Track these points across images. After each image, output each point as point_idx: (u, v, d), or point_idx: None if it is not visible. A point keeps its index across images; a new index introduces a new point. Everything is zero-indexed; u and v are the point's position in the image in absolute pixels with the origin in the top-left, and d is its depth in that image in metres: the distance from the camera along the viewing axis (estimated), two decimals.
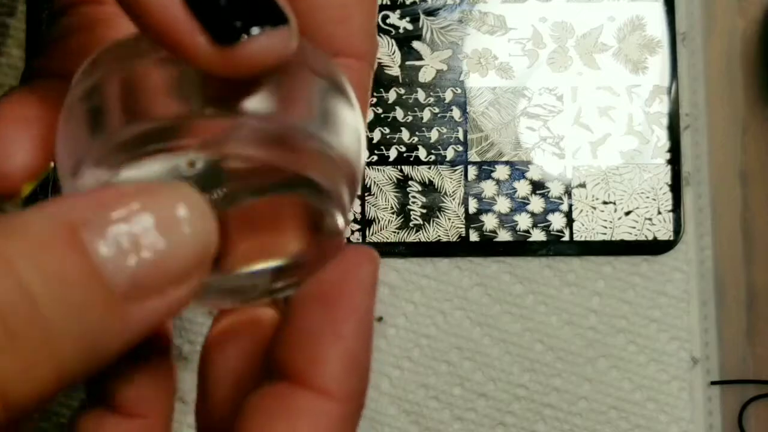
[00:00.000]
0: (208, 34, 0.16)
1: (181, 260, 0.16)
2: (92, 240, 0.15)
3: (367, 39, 0.23)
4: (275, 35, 0.16)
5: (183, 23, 0.16)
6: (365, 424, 0.39)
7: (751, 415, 0.40)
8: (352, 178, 0.19)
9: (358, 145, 0.20)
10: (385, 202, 0.40)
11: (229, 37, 0.16)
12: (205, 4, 0.16)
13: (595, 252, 0.40)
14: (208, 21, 0.16)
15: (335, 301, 0.19)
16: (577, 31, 0.40)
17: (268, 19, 0.16)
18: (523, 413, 0.39)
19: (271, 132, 0.17)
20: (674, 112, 0.40)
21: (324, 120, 0.18)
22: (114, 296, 0.15)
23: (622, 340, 0.39)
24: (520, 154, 0.40)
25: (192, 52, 0.16)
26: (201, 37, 0.16)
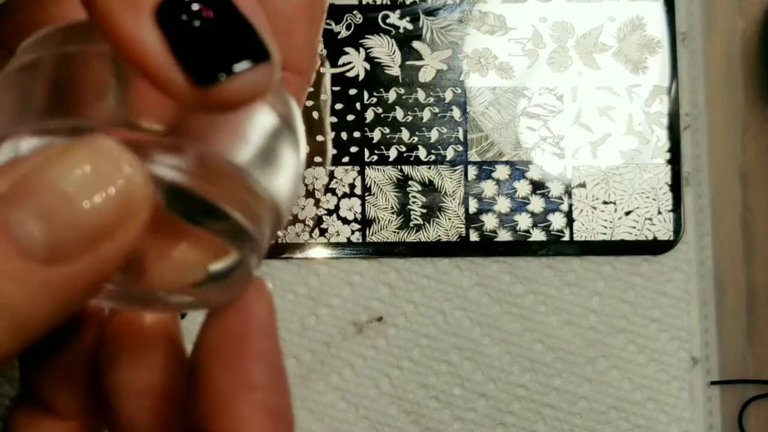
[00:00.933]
0: (186, 72, 0.15)
1: (102, 215, 0.15)
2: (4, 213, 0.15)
3: (309, 55, 0.22)
4: (255, 73, 0.15)
5: (158, 57, 0.15)
6: (365, 423, 0.39)
7: (751, 415, 0.40)
8: (277, 221, 0.19)
9: (294, 188, 0.19)
10: (385, 202, 0.40)
11: (207, 78, 0.15)
12: (185, 40, 0.15)
13: (595, 252, 0.40)
14: (186, 59, 0.15)
15: (239, 352, 0.18)
16: (577, 31, 0.40)
17: (249, 55, 0.15)
18: (523, 413, 0.39)
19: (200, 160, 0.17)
20: (674, 112, 0.40)
21: (263, 158, 0.18)
22: (32, 265, 0.15)
23: (622, 340, 0.39)
24: (520, 154, 0.40)
25: (168, 88, 0.15)
26: (178, 75, 0.15)
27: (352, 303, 0.39)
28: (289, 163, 0.19)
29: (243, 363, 0.18)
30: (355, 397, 0.39)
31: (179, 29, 0.15)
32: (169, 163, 0.16)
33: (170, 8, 0.15)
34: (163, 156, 0.16)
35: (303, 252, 0.39)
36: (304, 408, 0.39)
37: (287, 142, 0.19)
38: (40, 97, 0.17)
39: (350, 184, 0.40)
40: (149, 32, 0.15)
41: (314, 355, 0.39)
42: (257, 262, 0.19)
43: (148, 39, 0.15)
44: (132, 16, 0.15)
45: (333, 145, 0.40)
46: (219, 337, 0.18)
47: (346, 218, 0.39)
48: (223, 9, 0.15)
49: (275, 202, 0.18)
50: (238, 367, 0.18)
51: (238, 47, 0.15)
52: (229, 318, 0.19)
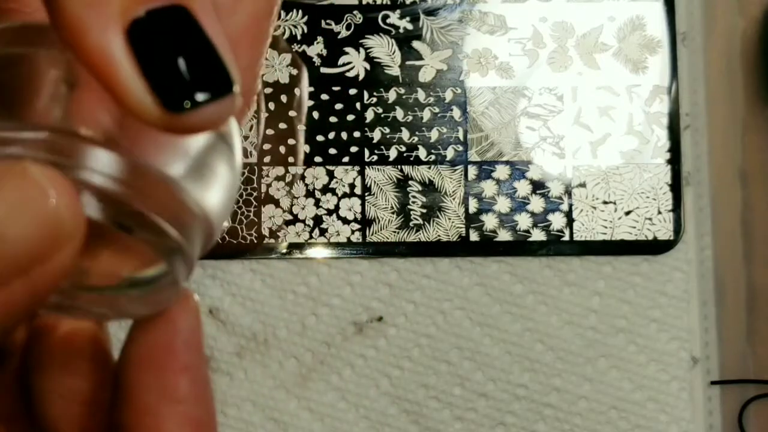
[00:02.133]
0: (158, 99, 0.15)
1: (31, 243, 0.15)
2: None
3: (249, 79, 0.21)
4: (222, 104, 0.16)
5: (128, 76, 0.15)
6: (365, 423, 0.39)
7: (751, 415, 0.40)
8: (208, 234, 0.19)
9: (227, 203, 0.19)
10: (385, 202, 0.40)
11: (177, 105, 0.15)
12: (155, 62, 0.15)
13: (595, 252, 0.40)
14: (156, 83, 0.15)
15: (163, 365, 0.18)
16: (577, 31, 0.40)
17: (216, 87, 0.15)
18: (523, 413, 0.39)
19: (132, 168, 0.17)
20: (674, 112, 0.40)
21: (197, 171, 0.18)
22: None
23: (622, 340, 0.39)
24: (520, 153, 0.40)
25: (135, 109, 0.15)
26: (148, 98, 0.15)
27: (352, 303, 0.39)
28: (223, 178, 0.19)
29: (167, 376, 0.18)
30: (355, 397, 0.39)
31: (149, 50, 0.15)
32: (101, 169, 0.16)
33: (141, 28, 0.15)
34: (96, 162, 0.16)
35: (303, 252, 0.39)
36: (304, 408, 0.39)
37: (222, 156, 0.19)
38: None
39: (350, 184, 0.40)
40: (120, 49, 0.15)
41: (314, 355, 0.39)
42: (186, 274, 0.19)
43: (118, 56, 0.15)
44: (102, 29, 0.15)
45: (333, 145, 0.40)
46: (143, 349, 0.19)
47: (346, 218, 0.39)
48: (194, 36, 0.15)
49: (206, 215, 0.18)
50: (162, 379, 0.18)
51: (207, 76, 0.15)
52: (154, 330, 0.19)
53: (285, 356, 0.39)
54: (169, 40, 0.15)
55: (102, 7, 0.15)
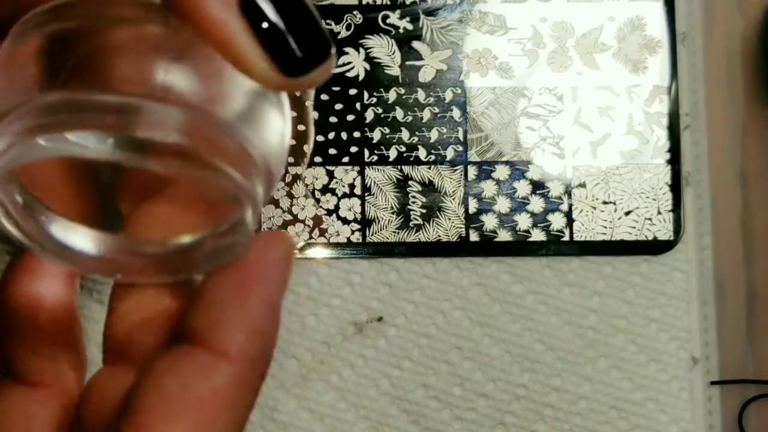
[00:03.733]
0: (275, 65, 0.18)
1: None
2: None
3: None
4: (325, 66, 0.18)
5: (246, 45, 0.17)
6: (365, 423, 0.39)
7: (751, 415, 0.40)
8: (269, 177, 0.20)
9: (280, 146, 0.21)
10: (385, 202, 0.40)
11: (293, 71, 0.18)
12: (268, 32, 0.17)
13: (595, 252, 0.40)
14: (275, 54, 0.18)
15: (244, 274, 0.20)
16: (577, 31, 0.40)
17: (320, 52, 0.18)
18: (523, 413, 0.39)
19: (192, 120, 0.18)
20: (674, 112, 0.40)
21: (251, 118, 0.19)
22: None
23: (622, 340, 0.39)
24: (520, 154, 0.40)
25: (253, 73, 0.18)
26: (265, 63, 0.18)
27: (352, 303, 0.39)
28: (277, 127, 0.20)
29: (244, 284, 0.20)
30: (355, 397, 0.39)
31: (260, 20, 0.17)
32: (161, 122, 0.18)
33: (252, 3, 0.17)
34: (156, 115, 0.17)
35: (303, 252, 0.39)
36: (304, 408, 0.39)
37: (274, 109, 0.20)
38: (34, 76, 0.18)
39: (350, 184, 0.40)
40: (238, 22, 0.17)
41: (314, 355, 0.39)
42: (254, 218, 0.20)
43: (237, 29, 0.17)
44: (222, 6, 0.17)
45: (333, 145, 0.40)
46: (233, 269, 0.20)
47: (346, 218, 0.39)
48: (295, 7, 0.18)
49: (265, 158, 0.20)
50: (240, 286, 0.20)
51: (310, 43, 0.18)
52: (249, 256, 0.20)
53: (285, 356, 0.39)
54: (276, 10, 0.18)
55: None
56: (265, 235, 0.21)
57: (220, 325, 0.19)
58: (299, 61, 0.18)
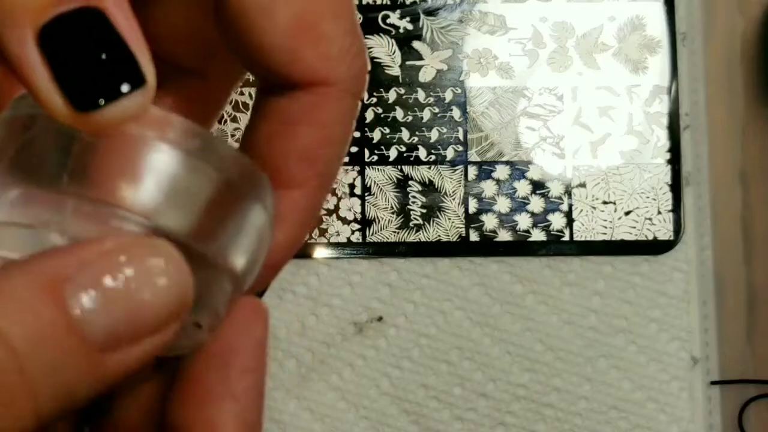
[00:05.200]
0: (65, 98, 0.16)
1: (157, 312, 0.16)
2: (72, 296, 0.16)
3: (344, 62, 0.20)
4: (131, 99, 0.16)
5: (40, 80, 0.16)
6: (365, 423, 0.39)
7: (751, 415, 0.40)
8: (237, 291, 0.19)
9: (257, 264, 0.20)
10: (385, 202, 0.39)
11: (86, 104, 0.16)
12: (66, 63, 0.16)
13: (595, 252, 0.40)
14: (66, 83, 0.16)
15: (230, 362, 0.19)
16: (577, 31, 0.40)
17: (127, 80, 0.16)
18: (523, 413, 0.39)
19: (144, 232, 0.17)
20: (674, 112, 0.40)
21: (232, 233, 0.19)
22: (90, 349, 0.16)
23: (622, 340, 0.39)
24: (520, 154, 0.40)
25: (50, 110, 0.16)
26: (58, 98, 0.16)
27: (352, 303, 0.39)
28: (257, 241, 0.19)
29: (232, 374, 0.19)
30: (355, 397, 0.39)
31: (60, 51, 0.16)
32: None
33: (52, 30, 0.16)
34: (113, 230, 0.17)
35: (303, 252, 0.39)
36: (304, 408, 0.39)
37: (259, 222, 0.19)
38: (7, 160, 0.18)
39: (350, 184, 0.40)
40: (32, 55, 0.16)
41: (314, 355, 0.39)
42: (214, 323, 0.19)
43: (31, 61, 0.16)
44: (17, 38, 0.16)
45: None
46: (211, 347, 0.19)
47: (346, 218, 0.39)
48: (104, 35, 0.16)
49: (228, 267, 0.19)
50: (227, 376, 0.19)
51: (116, 72, 0.16)
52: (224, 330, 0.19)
53: (285, 356, 0.39)
54: (80, 41, 0.16)
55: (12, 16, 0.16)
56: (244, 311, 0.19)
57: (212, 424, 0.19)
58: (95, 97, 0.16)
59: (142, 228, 0.17)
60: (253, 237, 0.19)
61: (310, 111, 0.20)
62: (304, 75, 0.20)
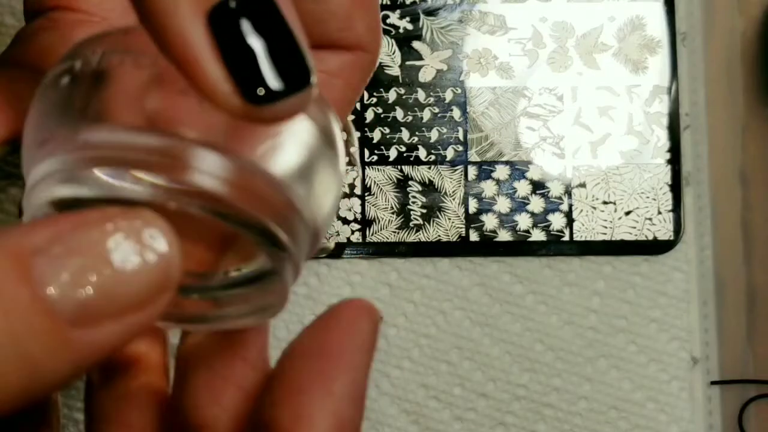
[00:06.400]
0: (237, 87, 0.15)
1: (137, 287, 0.15)
2: (40, 268, 0.15)
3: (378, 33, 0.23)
4: (300, 97, 0.16)
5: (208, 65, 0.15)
6: (365, 424, 0.39)
7: (751, 415, 0.40)
8: (316, 237, 0.19)
9: (333, 205, 0.19)
10: (385, 202, 0.40)
11: (257, 96, 0.15)
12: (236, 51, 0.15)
13: (595, 252, 0.40)
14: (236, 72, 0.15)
15: (329, 357, 0.18)
16: (577, 31, 0.40)
17: (295, 79, 0.15)
18: (523, 413, 0.39)
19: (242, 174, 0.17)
20: (674, 112, 0.40)
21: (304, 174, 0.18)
22: (59, 325, 0.15)
23: (622, 340, 0.39)
24: (520, 154, 0.40)
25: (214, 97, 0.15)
26: (227, 87, 0.15)
27: None
28: (329, 181, 0.19)
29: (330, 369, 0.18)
30: None
31: (230, 37, 0.15)
32: (211, 172, 0.17)
33: (224, 13, 0.15)
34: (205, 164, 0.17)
35: None
36: None
37: (327, 160, 0.19)
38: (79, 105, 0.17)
39: (350, 184, 0.40)
40: (200, 35, 0.15)
41: None
42: (294, 276, 0.19)
43: (198, 42, 0.15)
44: (183, 14, 0.15)
45: None
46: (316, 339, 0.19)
47: (346, 218, 0.39)
48: (274, 24, 0.15)
49: (314, 217, 0.18)
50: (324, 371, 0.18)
51: (286, 68, 0.15)
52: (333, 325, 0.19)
53: None
54: (251, 27, 0.15)
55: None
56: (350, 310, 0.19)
57: (303, 418, 0.18)
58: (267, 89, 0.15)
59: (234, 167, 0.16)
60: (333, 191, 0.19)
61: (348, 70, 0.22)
62: (353, 41, 0.21)
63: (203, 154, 0.17)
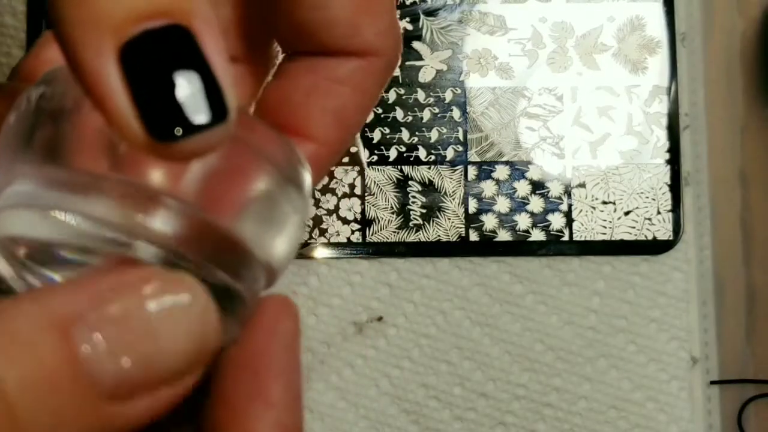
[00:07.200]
0: (144, 124, 0.14)
1: (175, 359, 0.15)
2: (81, 337, 0.14)
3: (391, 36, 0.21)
4: (213, 133, 0.15)
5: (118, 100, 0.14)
6: (365, 423, 0.39)
7: (750, 415, 0.40)
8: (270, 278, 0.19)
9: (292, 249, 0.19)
10: (385, 202, 0.40)
11: (165, 134, 0.14)
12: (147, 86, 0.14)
13: (594, 252, 0.40)
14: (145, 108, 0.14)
15: (259, 366, 0.18)
16: (577, 31, 0.40)
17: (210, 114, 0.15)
18: (523, 413, 0.39)
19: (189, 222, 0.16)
20: (673, 112, 0.40)
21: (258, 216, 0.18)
22: (97, 398, 0.14)
23: (621, 339, 0.39)
24: (520, 154, 0.40)
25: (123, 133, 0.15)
26: (136, 123, 0.14)
27: (352, 303, 0.39)
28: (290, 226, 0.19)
29: (262, 379, 0.18)
30: (355, 397, 0.39)
31: (143, 71, 0.14)
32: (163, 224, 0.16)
33: (137, 47, 0.14)
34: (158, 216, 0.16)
35: (303, 252, 0.39)
36: (305, 408, 0.39)
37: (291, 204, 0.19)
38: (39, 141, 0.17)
39: (350, 184, 0.40)
40: (111, 69, 0.14)
41: (314, 355, 0.39)
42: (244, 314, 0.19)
43: (110, 79, 0.14)
44: (95, 48, 0.14)
45: None
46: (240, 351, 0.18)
47: (346, 218, 0.39)
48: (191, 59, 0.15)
49: (269, 262, 0.18)
50: (257, 383, 0.18)
51: (199, 104, 0.15)
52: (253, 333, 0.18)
53: None
54: (165, 61, 0.14)
55: (95, 25, 0.14)
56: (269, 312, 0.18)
57: None
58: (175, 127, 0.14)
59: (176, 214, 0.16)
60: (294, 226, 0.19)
61: (359, 76, 0.21)
62: (360, 47, 0.21)
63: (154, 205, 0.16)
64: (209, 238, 0.17)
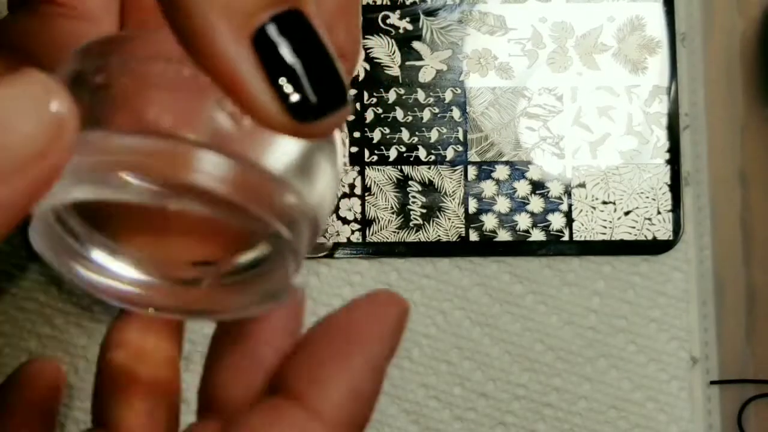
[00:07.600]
0: (284, 105, 0.16)
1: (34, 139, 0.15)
2: None
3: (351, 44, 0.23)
4: (339, 115, 0.16)
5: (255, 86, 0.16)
6: None
7: (750, 415, 0.40)
8: (315, 229, 0.20)
9: (331, 197, 0.20)
10: (385, 202, 0.40)
11: (305, 116, 0.16)
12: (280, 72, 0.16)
13: (594, 252, 0.40)
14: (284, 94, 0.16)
15: (352, 336, 0.19)
16: (577, 31, 0.40)
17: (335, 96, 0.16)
18: (523, 413, 0.39)
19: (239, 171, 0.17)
20: (673, 112, 0.40)
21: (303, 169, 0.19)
22: None
23: (621, 339, 0.39)
24: (520, 154, 0.40)
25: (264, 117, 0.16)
26: (275, 105, 0.16)
27: None
28: (326, 174, 0.20)
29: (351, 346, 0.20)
30: None
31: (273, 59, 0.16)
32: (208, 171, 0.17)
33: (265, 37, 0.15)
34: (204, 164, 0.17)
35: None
36: None
37: (325, 153, 0.19)
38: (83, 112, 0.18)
39: (350, 184, 0.40)
40: (247, 57, 0.15)
41: None
42: (295, 264, 0.20)
43: (246, 65, 0.15)
44: (230, 36, 0.15)
45: None
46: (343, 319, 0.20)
47: (346, 218, 0.39)
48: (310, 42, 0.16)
49: (312, 209, 0.19)
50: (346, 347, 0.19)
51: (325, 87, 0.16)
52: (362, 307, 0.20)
53: None
54: (291, 50, 0.16)
55: (229, 13, 0.15)
56: (381, 296, 0.20)
57: (317, 382, 0.19)
58: (312, 106, 0.16)
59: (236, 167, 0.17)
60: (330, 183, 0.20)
61: None
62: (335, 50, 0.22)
63: (201, 154, 0.17)
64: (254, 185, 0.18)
